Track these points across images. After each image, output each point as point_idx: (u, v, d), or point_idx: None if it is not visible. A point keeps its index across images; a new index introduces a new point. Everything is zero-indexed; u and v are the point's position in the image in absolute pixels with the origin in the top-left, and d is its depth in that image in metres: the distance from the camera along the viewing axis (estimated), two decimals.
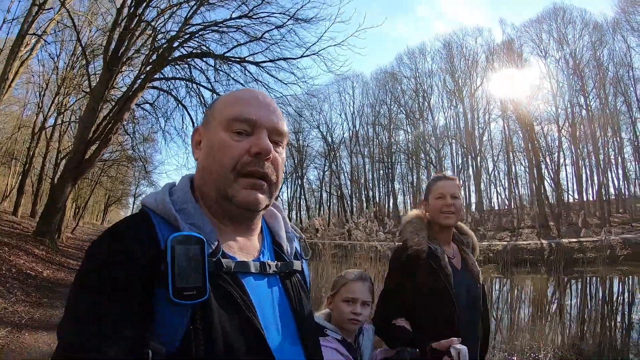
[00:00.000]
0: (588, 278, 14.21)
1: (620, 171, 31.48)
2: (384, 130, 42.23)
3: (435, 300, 1.70)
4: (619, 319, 8.59)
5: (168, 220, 0.74)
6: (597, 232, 24.95)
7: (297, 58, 11.66)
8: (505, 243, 22.97)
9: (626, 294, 12.43)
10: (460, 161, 38.38)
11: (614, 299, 11.48)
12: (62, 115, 17.16)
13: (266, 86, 12.00)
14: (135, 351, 0.60)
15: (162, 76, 12.94)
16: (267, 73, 11.84)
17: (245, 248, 0.81)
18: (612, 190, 32.40)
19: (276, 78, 11.57)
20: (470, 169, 36.53)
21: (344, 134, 44.16)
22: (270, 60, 11.83)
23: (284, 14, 11.67)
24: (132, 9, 11.40)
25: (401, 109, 41.00)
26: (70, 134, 19.09)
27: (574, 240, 22.23)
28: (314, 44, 11.76)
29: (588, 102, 30.81)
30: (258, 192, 0.77)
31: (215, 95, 12.69)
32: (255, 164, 0.76)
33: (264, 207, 0.81)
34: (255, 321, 0.71)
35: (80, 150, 10.82)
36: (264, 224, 0.90)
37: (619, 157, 31.10)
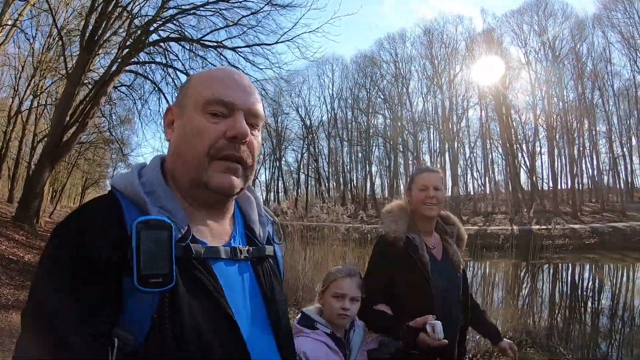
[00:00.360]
0: (557, 265, 15.23)
1: (595, 162, 32.98)
2: (362, 114, 42.79)
3: (412, 289, 1.76)
4: (589, 304, 9.31)
5: (137, 203, 0.72)
6: (567, 220, 26.25)
7: (273, 44, 11.90)
8: (477, 228, 24.03)
9: (592, 281, 13.36)
10: (437, 147, 39.34)
11: (584, 285, 12.36)
12: (38, 98, 16.96)
13: (242, 71, 12.21)
14: (101, 340, 0.60)
15: (138, 60, 12.99)
16: (243, 58, 12.03)
17: (216, 232, 0.79)
18: (586, 180, 34.03)
19: (252, 63, 11.78)
20: (447, 155, 37.52)
21: (322, 116, 44.59)
22: (247, 46, 12.03)
23: None
24: None
25: (379, 93, 41.55)
26: (47, 116, 18.89)
27: (544, 227, 23.32)
28: (289, 30, 11.99)
29: (565, 94, 31.92)
30: (233, 175, 0.76)
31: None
32: (231, 147, 0.75)
33: (239, 192, 0.80)
34: (226, 307, 0.70)
35: (58, 134, 10.92)
36: (236, 207, 0.88)
37: (593, 149, 32.45)
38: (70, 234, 0.66)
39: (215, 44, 12.29)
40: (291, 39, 11.73)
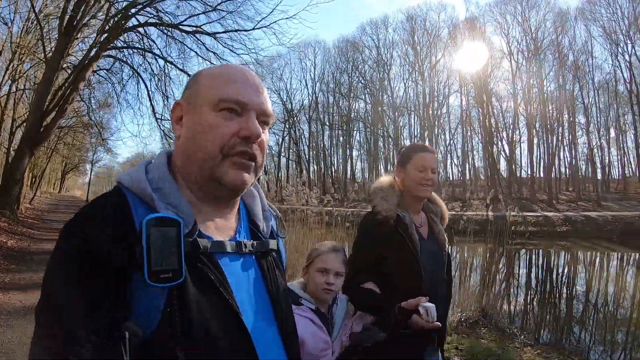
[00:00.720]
0: (526, 251, 15.92)
1: (574, 152, 34.10)
2: (343, 98, 43.32)
3: (402, 267, 1.74)
4: (563, 290, 9.83)
5: (144, 200, 0.73)
6: (542, 208, 27.32)
7: (250, 30, 12.07)
8: (453, 213, 24.87)
9: (557, 268, 13.92)
10: (418, 132, 40.14)
11: (558, 270, 12.88)
12: (16, 83, 16.75)
13: (219, 57, 12.44)
14: (112, 332, 0.61)
15: (117, 45, 13.06)
16: (222, 44, 12.22)
17: (221, 227, 0.81)
18: (564, 169, 35.27)
19: (230, 49, 11.98)
20: (427, 141, 38.21)
21: (303, 100, 45.06)
22: (224, 32, 12.22)
23: None
24: None
25: (361, 78, 42.00)
26: (25, 101, 18.68)
27: (519, 214, 24.17)
28: (267, 16, 12.18)
29: (545, 85, 32.77)
30: (245, 172, 0.78)
31: (169, 65, 13.02)
32: (244, 145, 0.77)
33: (249, 187, 0.83)
34: (232, 301, 0.72)
35: (37, 120, 11.02)
36: (240, 202, 0.90)
37: (572, 139, 33.53)
38: (78, 230, 0.69)
39: (194, 27, 12.45)
40: (268, 26, 12.00)
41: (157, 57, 12.92)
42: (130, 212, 0.71)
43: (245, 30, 11.96)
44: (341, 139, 44.66)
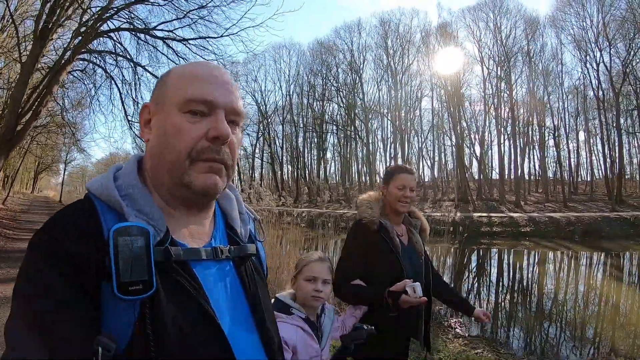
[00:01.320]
0: (490, 250, 16.80)
1: (540, 155, 35.77)
2: (316, 101, 44.69)
3: (385, 265, 1.99)
4: (529, 287, 10.49)
5: (113, 207, 0.71)
6: (510, 209, 28.70)
7: (219, 37, 12.62)
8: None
9: (512, 266, 14.97)
10: (389, 135, 41.85)
11: (512, 268, 13.72)
12: None
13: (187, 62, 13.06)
14: (84, 348, 0.59)
15: (90, 49, 13.52)
16: (191, 50, 12.79)
17: (196, 233, 0.79)
18: (535, 171, 36.99)
19: (200, 56, 12.51)
20: (398, 143, 39.75)
21: (277, 102, 46.27)
22: (193, 38, 12.73)
23: None
24: None
25: (333, 81, 43.38)
26: None
27: (485, 214, 25.32)
28: (235, 23, 12.56)
29: (515, 90, 34.33)
30: (216, 175, 0.76)
31: (140, 69, 13.54)
32: (212, 149, 0.74)
33: (222, 191, 0.80)
34: (209, 309, 0.70)
35: (12, 123, 11.42)
36: (216, 206, 0.88)
37: (542, 143, 35.07)
38: (46, 240, 0.66)
39: (166, 32, 13.00)
40: (236, 33, 12.57)
41: (129, 61, 13.42)
42: (99, 220, 0.69)
43: (214, 37, 12.56)
44: (314, 140, 45.92)
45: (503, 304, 8.55)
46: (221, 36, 12.42)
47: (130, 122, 14.33)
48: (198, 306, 0.70)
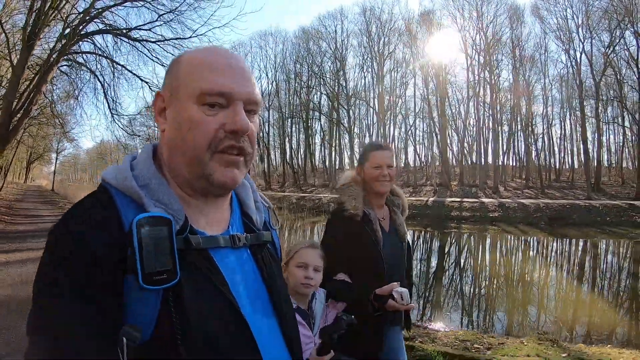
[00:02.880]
0: (462, 234, 18.13)
1: (525, 141, 37.45)
2: (302, 88, 46.42)
3: (367, 259, 1.99)
4: (461, 269, 11.64)
5: (131, 198, 0.73)
6: (488, 194, 30.47)
7: (188, 38, 14.40)
8: None
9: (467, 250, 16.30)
10: (375, 121, 44.06)
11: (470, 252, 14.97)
12: None
13: (163, 64, 14.92)
14: (109, 337, 0.62)
15: (76, 50, 15.32)
16: (165, 50, 14.62)
17: (214, 221, 0.82)
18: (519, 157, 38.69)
19: (172, 54, 14.29)
20: (384, 129, 42.03)
21: (264, 89, 47.73)
22: (164, 40, 14.58)
23: None
24: None
25: (318, 68, 45.11)
26: None
27: (458, 199, 26.57)
28: (202, 25, 14.31)
29: (499, 76, 35.88)
30: (235, 168, 0.78)
31: (117, 67, 15.37)
32: (231, 139, 0.75)
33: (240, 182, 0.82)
34: (229, 296, 0.74)
35: (6, 121, 13.29)
36: (232, 194, 0.91)
37: (526, 130, 36.70)
38: (66, 234, 0.68)
39: (140, 35, 14.88)
40: (203, 34, 14.35)
41: (110, 60, 15.23)
42: (117, 211, 0.71)
43: (184, 38, 14.36)
44: (300, 127, 47.97)
45: (430, 285, 9.81)
46: (190, 37, 14.23)
47: (113, 115, 16.18)
48: (219, 293, 0.73)
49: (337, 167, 43.73)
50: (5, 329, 4.08)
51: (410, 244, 2.28)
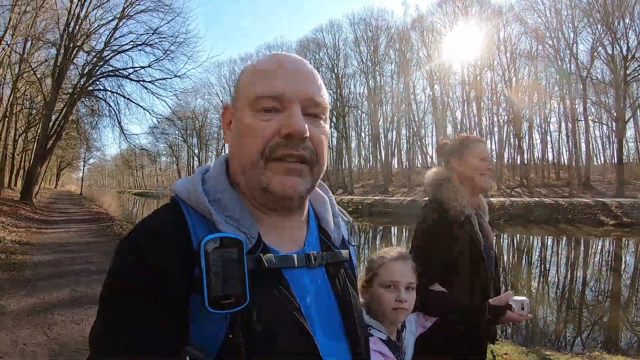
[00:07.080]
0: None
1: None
2: None
3: (471, 266, 1.86)
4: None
5: (201, 213, 0.75)
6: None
7: (170, 78, 20.74)
8: (377, 198, 32.77)
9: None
10: (380, 130, 49.40)
11: None
12: (17, 101, 25.75)
13: (157, 95, 21.10)
14: (172, 357, 0.65)
15: (93, 88, 21.81)
16: (158, 86, 20.89)
17: (288, 238, 0.82)
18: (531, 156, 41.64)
19: (164, 88, 20.84)
20: (390, 135, 47.93)
21: None
22: (152, 81, 20.91)
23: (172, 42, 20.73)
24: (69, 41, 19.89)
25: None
26: (22, 118, 27.77)
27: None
28: (181, 68, 20.78)
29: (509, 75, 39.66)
30: (294, 176, 0.76)
31: (123, 98, 21.39)
32: (288, 146, 0.74)
33: (306, 193, 0.80)
34: (301, 319, 0.73)
35: (44, 143, 19.89)
36: (310, 208, 0.90)
37: (541, 128, 39.88)
38: (134, 248, 0.71)
39: (136, 76, 21.31)
40: (182, 75, 20.76)
41: (118, 94, 21.71)
42: (187, 227, 0.74)
43: (167, 79, 20.69)
44: None
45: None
46: (172, 77, 20.81)
47: (125, 135, 22.44)
48: (290, 316, 0.73)
49: (344, 171, 49.32)
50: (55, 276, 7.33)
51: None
